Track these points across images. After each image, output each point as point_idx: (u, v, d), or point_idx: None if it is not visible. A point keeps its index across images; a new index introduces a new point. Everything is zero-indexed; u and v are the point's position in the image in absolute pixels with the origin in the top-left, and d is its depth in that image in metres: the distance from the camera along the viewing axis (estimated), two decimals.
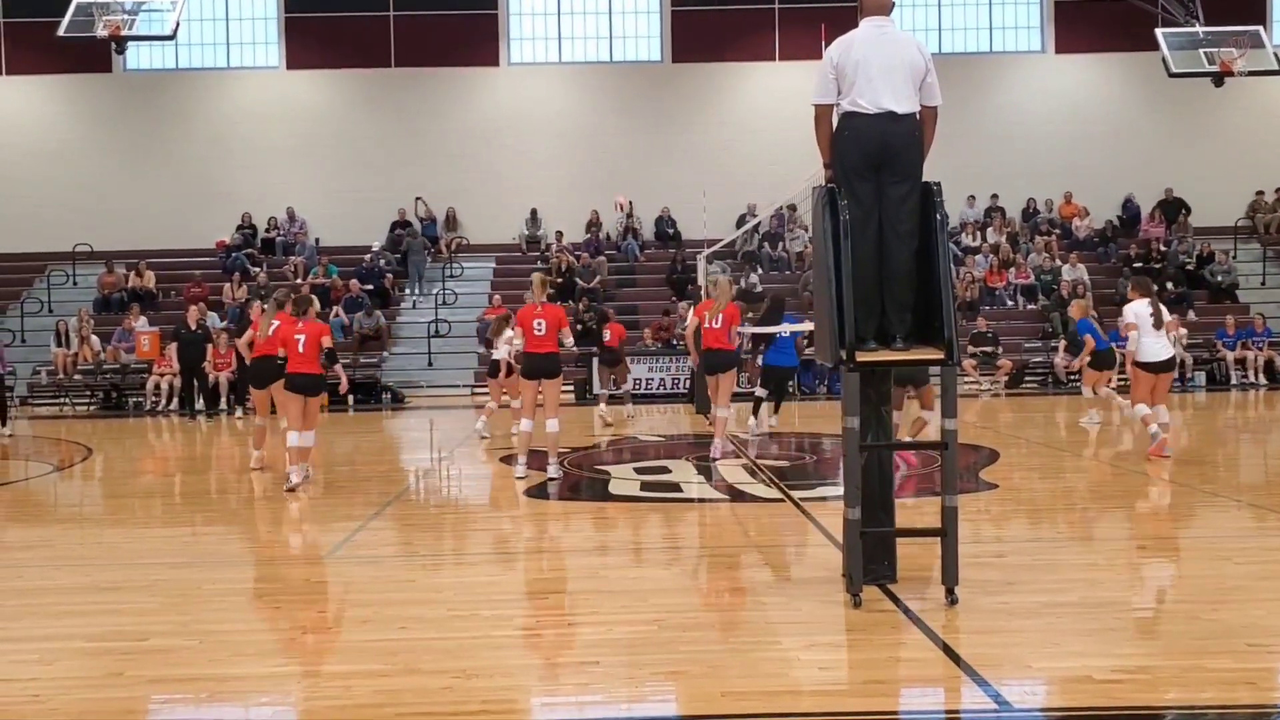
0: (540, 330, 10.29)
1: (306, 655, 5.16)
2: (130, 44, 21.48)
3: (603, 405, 16.99)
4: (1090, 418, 15.12)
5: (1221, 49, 20.12)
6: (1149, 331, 11.05)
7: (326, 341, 10.39)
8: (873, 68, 5.92)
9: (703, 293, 12.55)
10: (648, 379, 21.47)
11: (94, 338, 22.85)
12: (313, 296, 11.24)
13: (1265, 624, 5.34)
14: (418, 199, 27.60)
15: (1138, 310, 11.16)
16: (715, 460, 11.54)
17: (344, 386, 12.06)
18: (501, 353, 13.90)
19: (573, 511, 9.45)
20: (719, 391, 12.25)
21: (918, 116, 6.02)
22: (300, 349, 10.23)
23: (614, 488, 10.34)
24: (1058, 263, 25.63)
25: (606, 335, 18.18)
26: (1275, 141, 27.69)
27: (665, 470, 11.25)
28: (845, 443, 5.89)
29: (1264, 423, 16.60)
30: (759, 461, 11.72)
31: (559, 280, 25.84)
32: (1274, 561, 6.76)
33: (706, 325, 12.23)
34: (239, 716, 4.44)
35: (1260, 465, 11.84)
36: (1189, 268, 26.04)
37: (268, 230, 27.54)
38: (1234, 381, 22.45)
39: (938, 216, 5.94)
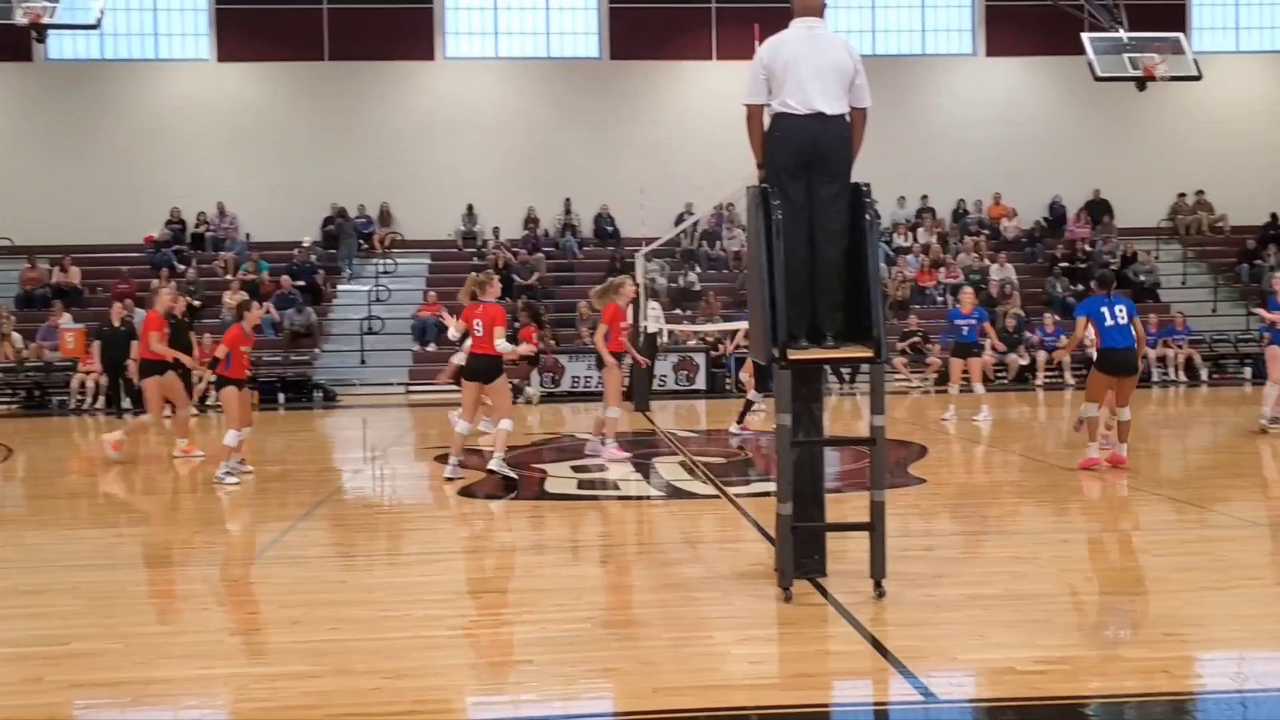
0: (479, 331, 10.16)
1: (234, 657, 5.10)
2: (52, 32, 20.99)
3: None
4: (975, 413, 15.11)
5: (1144, 54, 20.57)
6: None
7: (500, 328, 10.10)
8: (802, 69, 5.98)
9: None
10: (586, 376, 21.46)
11: (16, 335, 22.32)
12: (491, 275, 10.80)
13: (1181, 614, 5.49)
14: (343, 214, 27.32)
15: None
16: (600, 459, 11.37)
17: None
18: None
19: (508, 510, 9.43)
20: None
21: (847, 118, 6.10)
22: (479, 331, 10.07)
23: (550, 486, 10.33)
24: (986, 263, 26.05)
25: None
26: (1195, 145, 28.42)
27: (602, 468, 11.26)
28: (777, 439, 5.95)
29: (1184, 419, 17.03)
30: (696, 459, 11.77)
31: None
32: (1191, 554, 6.94)
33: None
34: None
35: (1180, 460, 12.14)
36: (1113, 268, 26.60)
37: (198, 225, 27.10)
38: (1155, 379, 22.98)
39: (867, 216, 6.02)
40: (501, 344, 10.08)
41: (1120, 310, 9.96)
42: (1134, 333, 9.93)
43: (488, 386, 10.34)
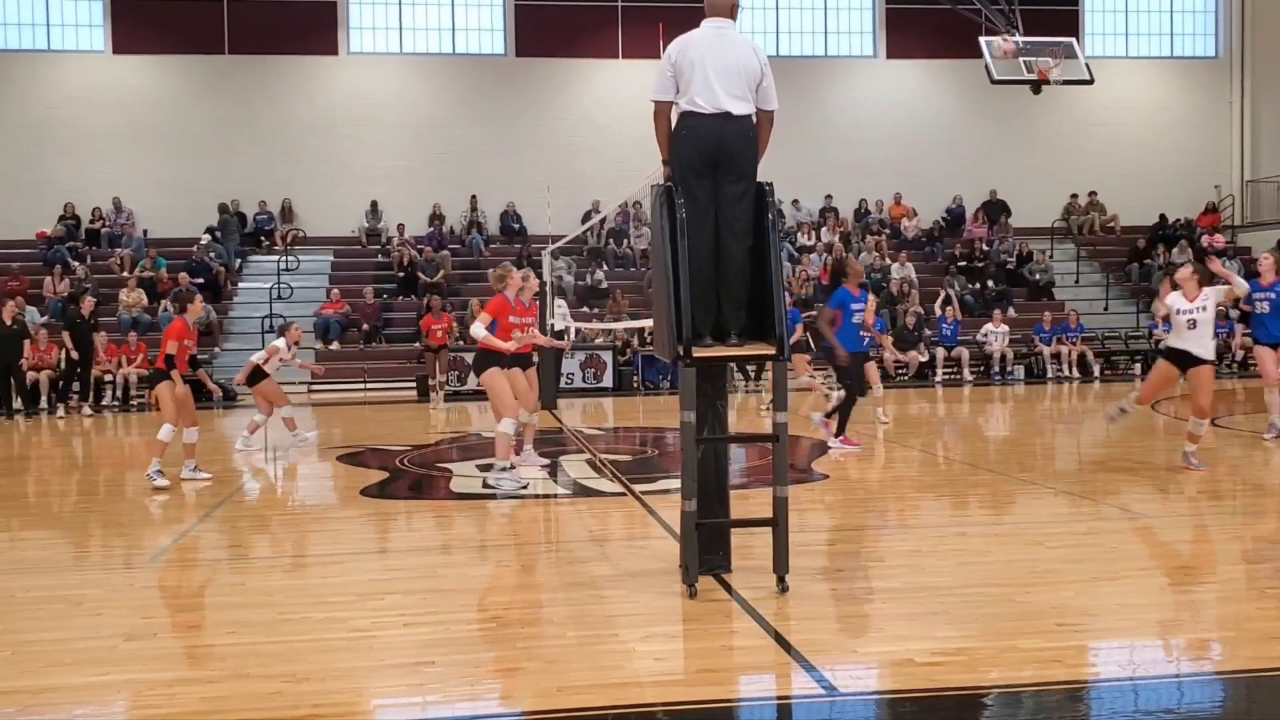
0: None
1: (128, 663, 4.96)
2: None
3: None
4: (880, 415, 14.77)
5: (1039, 58, 21.12)
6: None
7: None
8: (709, 69, 6.03)
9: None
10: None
11: None
12: (509, 268, 10.38)
13: (1074, 604, 5.66)
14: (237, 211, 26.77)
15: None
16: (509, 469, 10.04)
17: None
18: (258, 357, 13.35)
19: (412, 510, 9.34)
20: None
21: (753, 118, 6.16)
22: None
23: (455, 485, 10.25)
24: (887, 261, 26.52)
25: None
26: (1088, 147, 29.31)
27: (509, 467, 11.19)
28: (682, 437, 5.99)
29: (1077, 414, 17.53)
30: (603, 456, 11.78)
31: (400, 274, 25.46)
32: (1083, 545, 7.15)
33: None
34: None
35: (1074, 454, 12.50)
36: (1009, 266, 27.31)
37: (93, 221, 26.32)
38: (1050, 375, 23.63)
39: (770, 216, 6.09)
40: (475, 329, 9.79)
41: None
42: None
43: (480, 378, 10.04)
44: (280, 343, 13.11)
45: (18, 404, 19.26)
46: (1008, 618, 5.41)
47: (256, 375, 12.90)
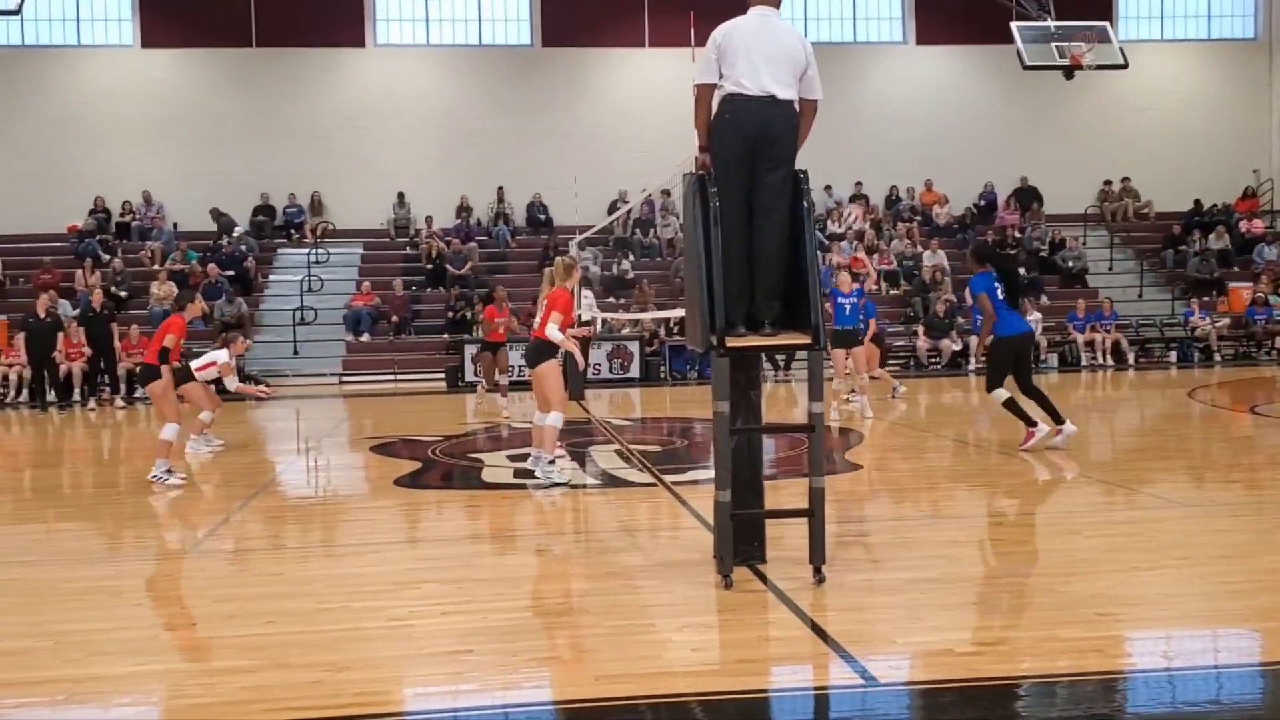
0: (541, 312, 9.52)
1: (168, 653, 5.00)
2: None
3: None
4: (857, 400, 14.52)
5: (1071, 43, 20.92)
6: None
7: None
8: (755, 53, 6.00)
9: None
10: (520, 365, 21.33)
11: None
12: (572, 260, 9.98)
13: (1112, 594, 5.60)
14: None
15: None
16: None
17: None
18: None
19: (445, 500, 9.37)
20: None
21: (796, 105, 6.12)
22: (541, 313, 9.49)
23: (487, 475, 10.28)
24: (919, 249, 26.36)
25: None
26: (1121, 133, 29.00)
27: (554, 460, 11.20)
28: (716, 427, 5.97)
29: (1111, 402, 17.38)
30: (632, 446, 11.78)
31: (428, 266, 25.55)
32: (1121, 534, 7.08)
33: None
34: (98, 718, 4.29)
35: (1108, 443, 12.39)
36: (1041, 254, 27.09)
37: (123, 215, 26.53)
38: (1084, 363, 23.44)
39: (805, 204, 6.05)
40: (551, 330, 9.28)
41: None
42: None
43: (532, 373, 9.60)
44: (222, 354, 12.54)
45: (51, 396, 19.46)
46: (1047, 607, 5.36)
47: (185, 375, 12.39)
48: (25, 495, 10.31)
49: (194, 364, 12.31)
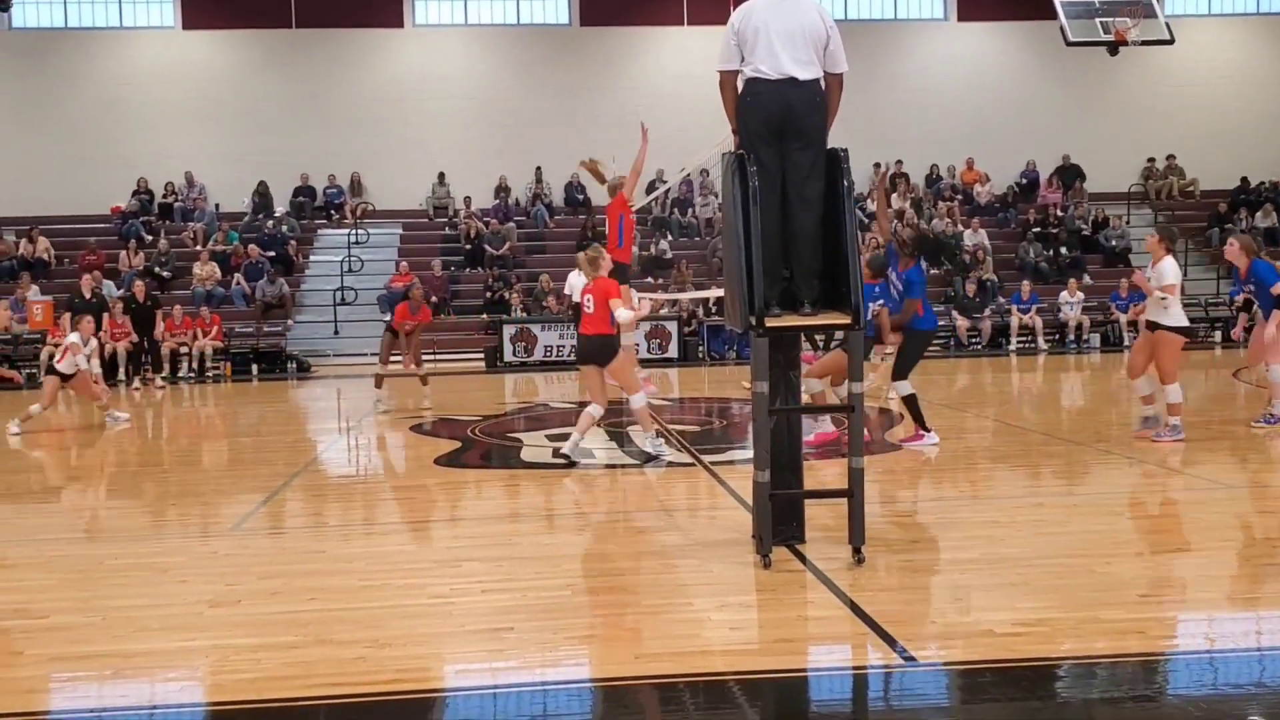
0: (590, 308, 9.34)
1: (214, 629, 5.08)
2: (16, 1, 20.61)
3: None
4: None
5: (1116, 18, 20.60)
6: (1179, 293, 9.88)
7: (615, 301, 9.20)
8: (773, 34, 5.95)
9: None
10: (558, 345, 21.44)
11: None
12: (600, 249, 9.81)
13: (1155, 575, 5.56)
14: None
15: (1176, 269, 9.89)
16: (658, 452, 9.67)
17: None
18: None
19: (484, 479, 9.43)
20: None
21: (821, 82, 6.07)
22: (589, 308, 9.33)
23: (526, 455, 10.33)
24: (960, 228, 26.13)
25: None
26: (1166, 110, 28.54)
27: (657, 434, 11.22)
28: (755, 407, 5.96)
29: (1154, 383, 17.14)
30: (671, 426, 11.79)
31: (467, 247, 25.63)
32: (1163, 516, 7.03)
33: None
34: (145, 692, 4.37)
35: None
36: (1084, 233, 26.76)
37: (165, 196, 26.79)
38: (1126, 343, 23.15)
39: (844, 183, 6.01)
40: (622, 313, 9.17)
41: None
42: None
43: (608, 368, 9.41)
44: (74, 338, 12.67)
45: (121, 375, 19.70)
46: (1088, 588, 5.33)
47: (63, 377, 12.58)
48: (72, 473, 10.48)
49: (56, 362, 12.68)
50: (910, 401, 9.99)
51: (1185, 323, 9.82)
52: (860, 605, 5.15)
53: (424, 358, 15.78)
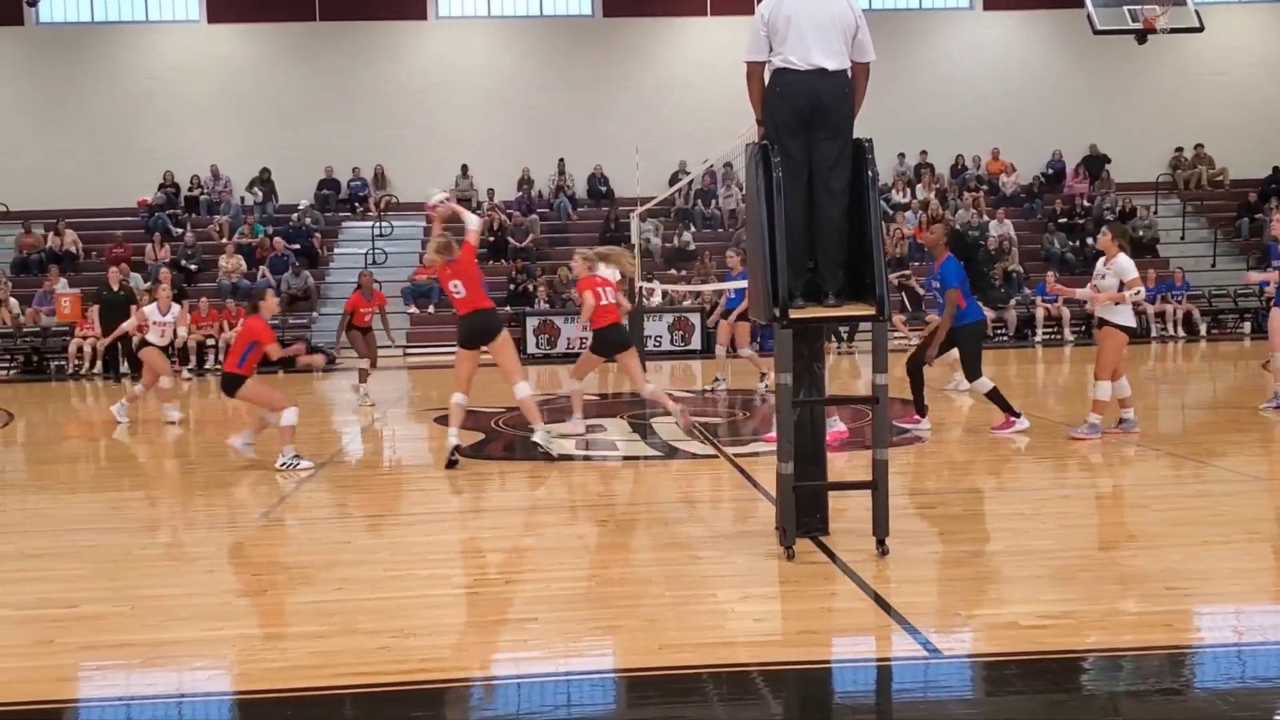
0: (460, 291, 9.39)
1: (241, 619, 5.13)
2: None
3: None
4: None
5: (1145, 6, 20.38)
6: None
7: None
8: (803, 24, 5.93)
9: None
10: (581, 338, 21.44)
11: (13, 300, 22.28)
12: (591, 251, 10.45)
13: (1182, 568, 5.52)
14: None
15: (1132, 265, 9.72)
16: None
17: None
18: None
19: (508, 471, 9.46)
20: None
21: (849, 73, 6.05)
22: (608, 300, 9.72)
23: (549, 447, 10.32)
24: (985, 218, 25.98)
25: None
26: (1195, 99, 28.26)
27: (601, 429, 11.28)
28: (778, 399, 5.95)
29: (1182, 374, 17.05)
30: (693, 419, 11.78)
31: (490, 239, 25.68)
32: (1190, 508, 6.97)
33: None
34: (174, 681, 4.41)
35: (1178, 416, 12.17)
36: (1111, 223, 26.54)
37: (191, 189, 26.97)
38: (1154, 334, 22.99)
39: (869, 173, 5.99)
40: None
41: None
42: None
43: (620, 356, 10.42)
44: (152, 310, 12.89)
45: (124, 368, 19.88)
46: (1114, 581, 5.30)
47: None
48: (101, 464, 10.58)
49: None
50: (994, 395, 10.06)
51: (1132, 323, 9.73)
52: (884, 597, 5.14)
53: (439, 349, 15.69)
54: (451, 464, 8.97)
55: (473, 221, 9.55)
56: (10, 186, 25.93)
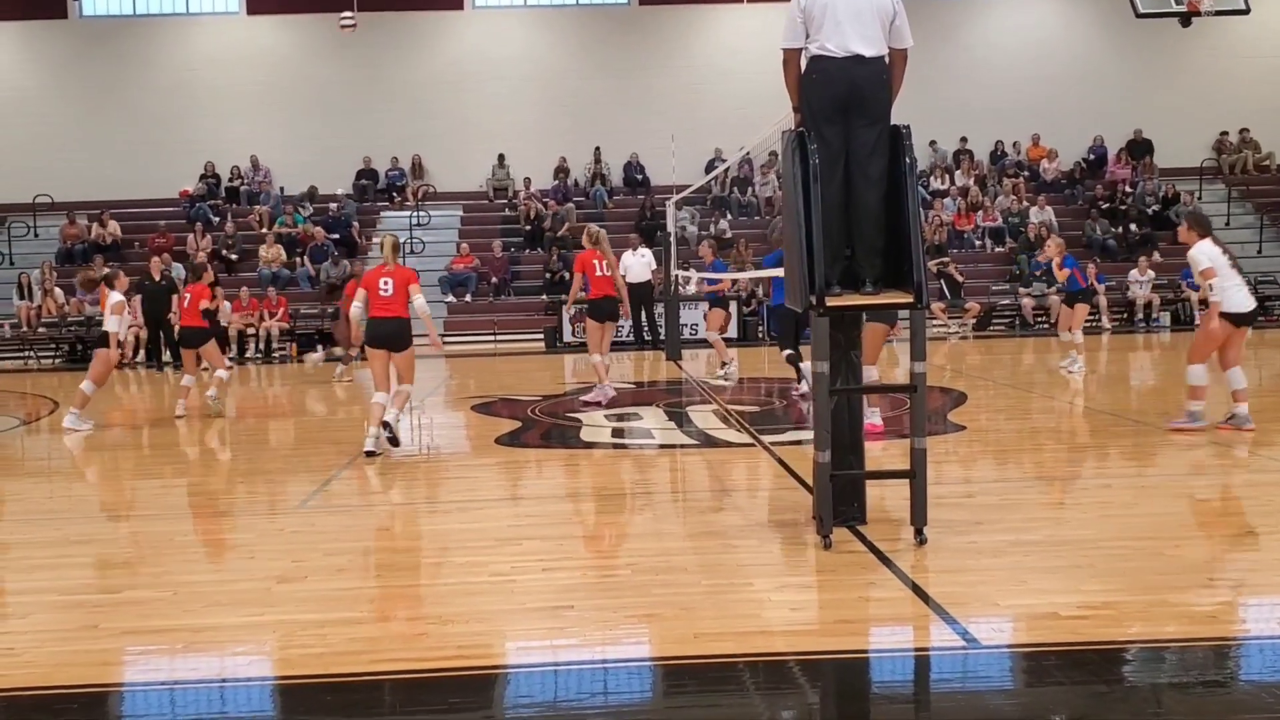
0: (387, 291, 9.25)
1: (281, 605, 5.17)
2: None
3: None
4: (1072, 362, 14.32)
5: None
6: (1229, 275, 9.21)
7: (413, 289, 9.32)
8: (840, 11, 5.89)
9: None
10: (620, 325, 21.41)
11: (58, 290, 22.58)
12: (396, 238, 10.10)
13: (1225, 558, 5.45)
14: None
15: (1209, 252, 9.22)
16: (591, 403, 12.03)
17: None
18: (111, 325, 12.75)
19: (545, 459, 9.48)
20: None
21: (886, 59, 6.00)
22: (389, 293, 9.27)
23: (585, 435, 10.37)
24: (1025, 205, 25.72)
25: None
26: (1240, 82, 27.79)
27: (636, 417, 11.29)
28: (815, 387, 5.92)
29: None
30: (730, 407, 11.77)
31: (527, 228, 25.74)
32: (1234, 498, 6.88)
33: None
34: (215, 666, 4.46)
35: (1221, 404, 11.98)
36: (1154, 209, 26.21)
37: (231, 179, 27.20)
38: (1197, 321, 22.65)
39: (907, 160, 5.93)
40: (418, 301, 9.43)
41: None
42: None
43: (394, 356, 9.40)
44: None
45: (166, 356, 20.11)
46: (1157, 571, 5.24)
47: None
48: (144, 452, 10.70)
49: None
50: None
51: (1237, 308, 9.34)
52: (922, 586, 5.11)
53: (496, 339, 15.76)
54: (371, 454, 9.08)
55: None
56: (54, 178, 26.24)
